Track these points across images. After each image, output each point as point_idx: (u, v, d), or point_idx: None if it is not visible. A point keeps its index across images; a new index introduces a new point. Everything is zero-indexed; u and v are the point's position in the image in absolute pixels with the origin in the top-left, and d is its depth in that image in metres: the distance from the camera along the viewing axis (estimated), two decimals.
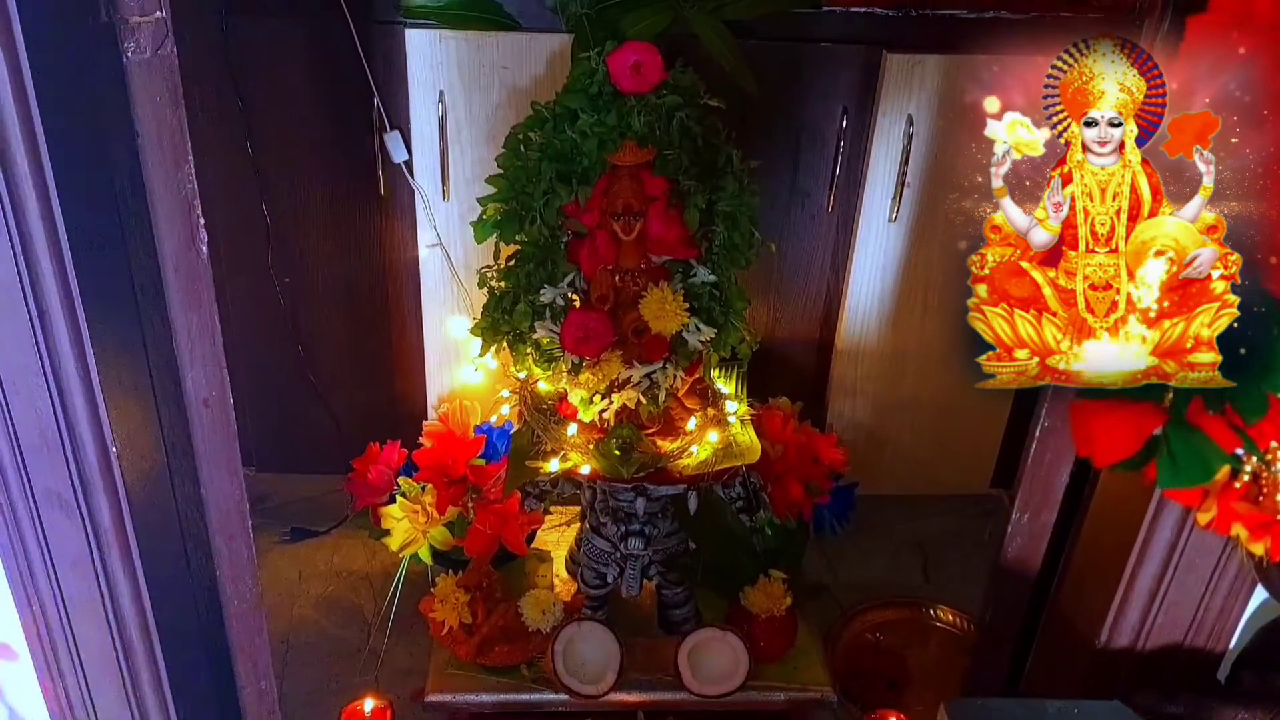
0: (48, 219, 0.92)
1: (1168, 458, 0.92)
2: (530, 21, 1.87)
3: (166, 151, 0.99)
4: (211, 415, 1.10)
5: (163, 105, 0.98)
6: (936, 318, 2.12)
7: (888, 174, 1.97)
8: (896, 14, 1.87)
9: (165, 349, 1.07)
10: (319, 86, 1.90)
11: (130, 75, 0.95)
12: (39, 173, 0.90)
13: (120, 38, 0.94)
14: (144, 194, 1.02)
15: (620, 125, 1.68)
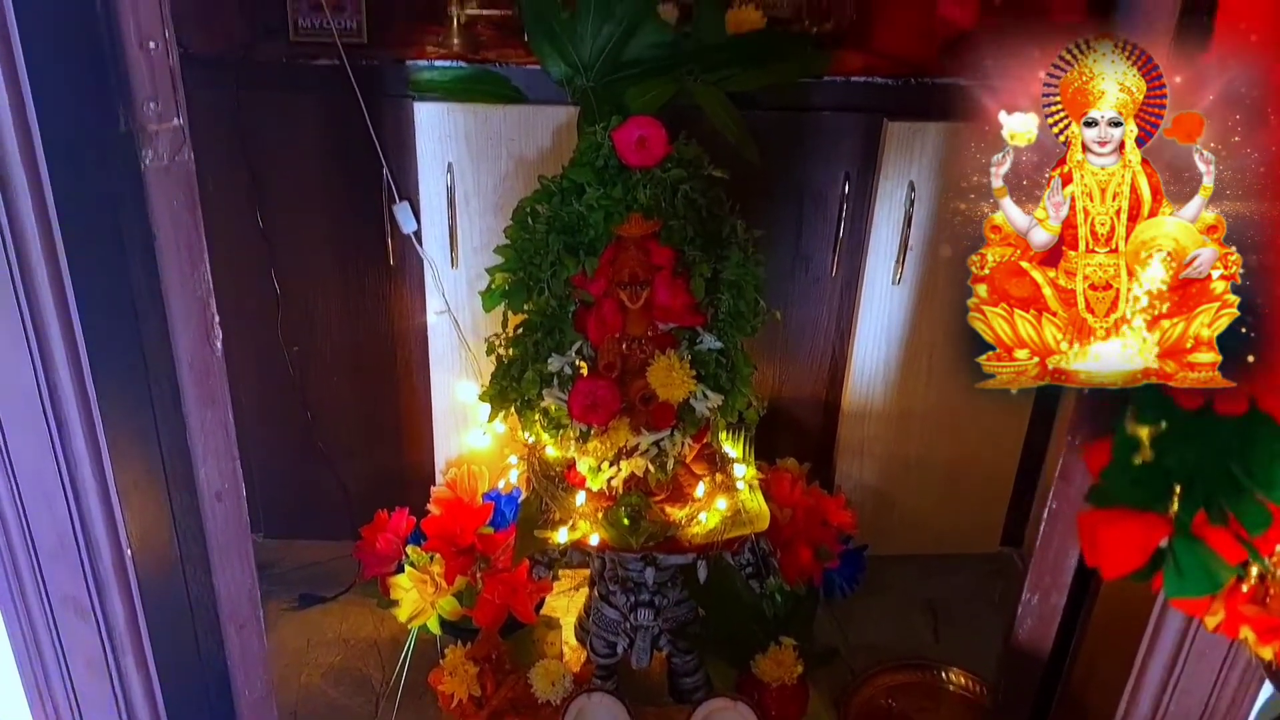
0: (64, 319, 0.94)
1: (1174, 569, 0.92)
2: (536, 94, 1.90)
3: (182, 253, 1.01)
4: (224, 508, 1.11)
5: (179, 209, 1.00)
6: (941, 378, 2.13)
7: (890, 238, 1.99)
8: (897, 82, 1.90)
9: (179, 443, 1.08)
10: (329, 158, 1.93)
11: (148, 181, 0.97)
12: (56, 274, 0.92)
13: (139, 145, 0.96)
14: (160, 292, 1.03)
15: (626, 198, 1.71)
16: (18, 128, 0.82)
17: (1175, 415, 0.88)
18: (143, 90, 0.94)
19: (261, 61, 1.85)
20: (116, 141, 0.96)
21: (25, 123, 0.83)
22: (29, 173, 0.85)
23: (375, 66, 1.86)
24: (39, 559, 0.90)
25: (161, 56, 0.94)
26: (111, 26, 0.92)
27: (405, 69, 1.87)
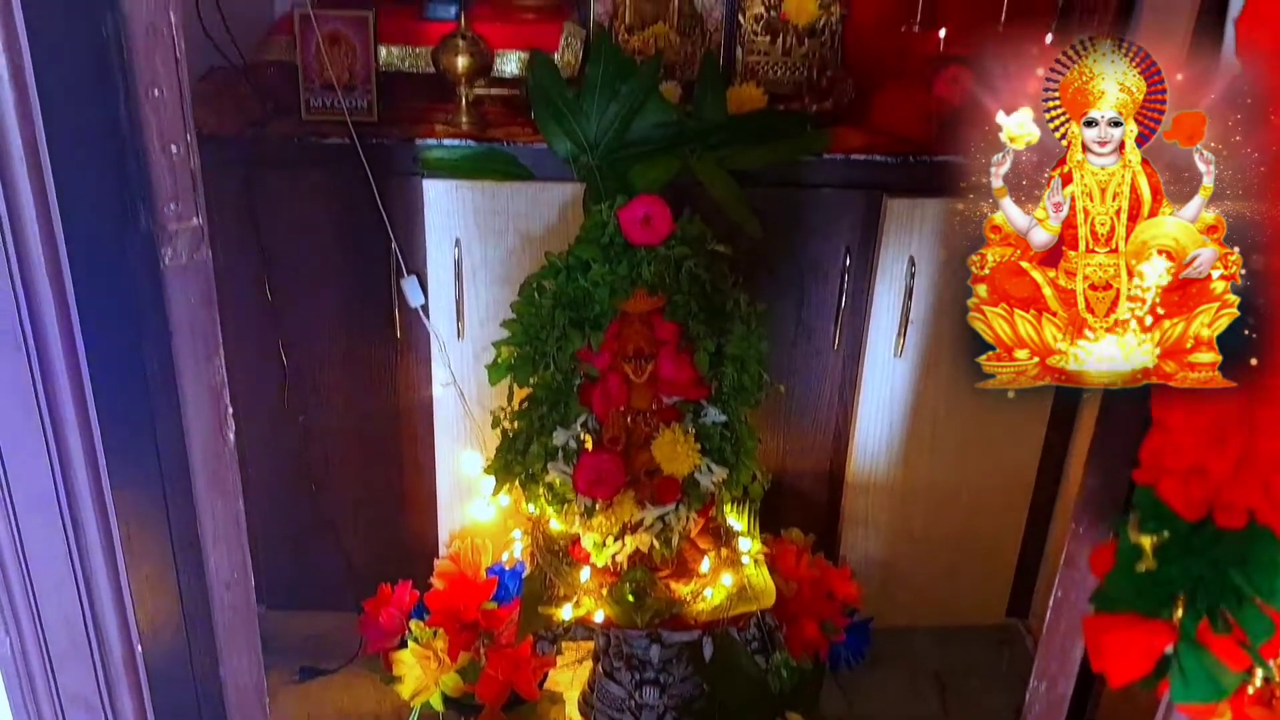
0: (82, 414, 0.95)
1: (1179, 676, 0.92)
2: (543, 171, 1.93)
3: (198, 348, 1.02)
4: (233, 597, 1.11)
5: (196, 305, 1.02)
6: (945, 450, 2.14)
7: (891, 311, 2.01)
8: (895, 160, 1.94)
9: (190, 533, 1.09)
10: (338, 233, 1.96)
11: (167, 279, 0.99)
12: (75, 369, 0.93)
13: (158, 244, 0.99)
14: (174, 384, 1.05)
15: (631, 275, 1.73)
16: (42, 229, 0.84)
17: (1177, 526, 0.88)
18: (164, 192, 0.97)
19: (273, 140, 1.88)
20: (136, 241, 0.98)
21: (50, 224, 0.85)
22: (51, 271, 0.87)
23: (385, 145, 1.90)
24: (51, 660, 0.90)
25: (183, 159, 0.96)
26: (135, 131, 0.94)
27: (414, 147, 1.91)
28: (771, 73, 2.27)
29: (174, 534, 1.08)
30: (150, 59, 0.92)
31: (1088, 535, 1.13)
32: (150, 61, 0.92)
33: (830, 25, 2.24)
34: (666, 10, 2.26)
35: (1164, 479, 0.79)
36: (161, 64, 0.93)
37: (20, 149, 0.79)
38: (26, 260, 0.81)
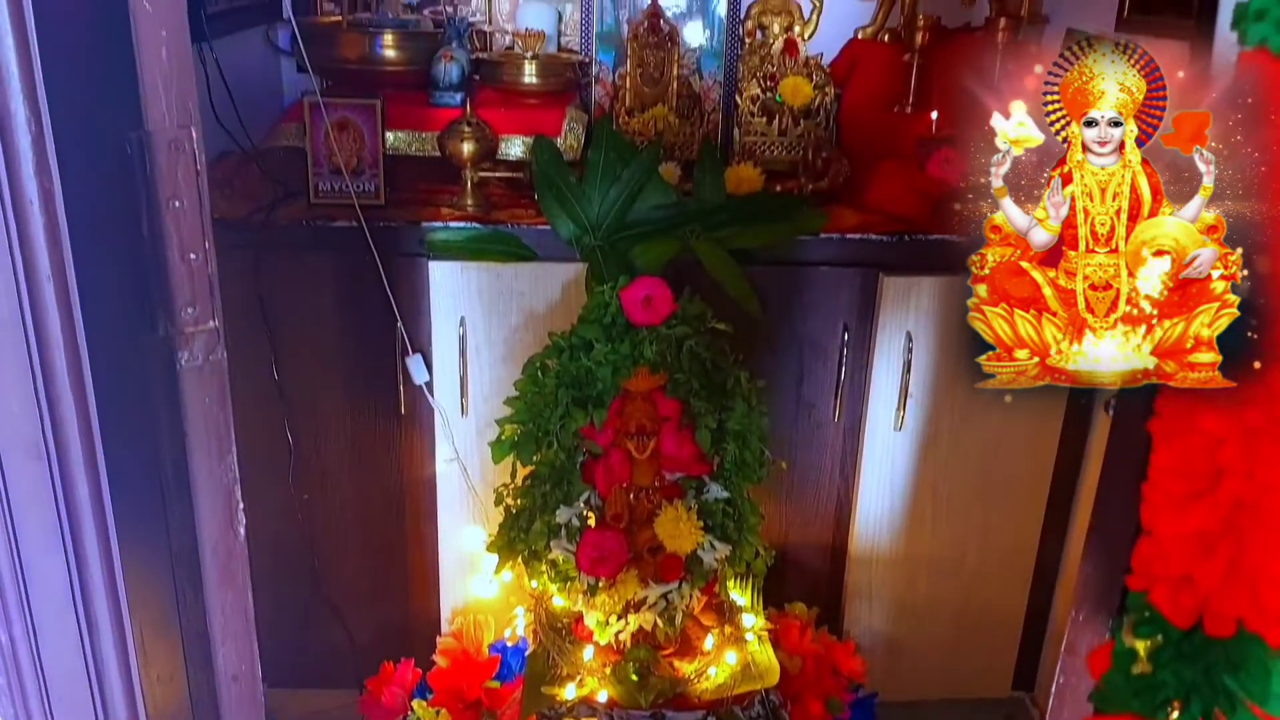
0: (98, 512, 0.97)
1: None
2: (546, 252, 1.97)
3: (211, 446, 1.05)
4: (240, 690, 1.12)
5: (211, 405, 1.04)
6: (947, 521, 2.15)
7: (890, 386, 2.03)
8: (891, 239, 1.98)
9: (199, 626, 1.10)
10: (345, 314, 2.00)
11: (183, 381, 1.02)
12: (93, 470, 0.95)
13: (175, 347, 1.02)
14: (188, 482, 1.07)
15: (633, 354, 1.76)
16: (66, 340, 0.87)
17: (1170, 632, 0.89)
18: (182, 297, 1.00)
19: (282, 224, 1.93)
20: (155, 345, 1.01)
21: (74, 335, 0.88)
22: (73, 381, 0.90)
23: (392, 227, 1.94)
24: None
25: (201, 265, 1.00)
26: (156, 241, 0.98)
27: (421, 230, 1.95)
28: (768, 152, 2.33)
29: (184, 628, 1.09)
30: (172, 173, 0.96)
31: (1088, 623, 1.14)
32: (172, 175, 0.96)
33: (825, 107, 2.31)
34: (665, 94, 2.33)
35: (1155, 586, 0.80)
36: (183, 177, 0.97)
37: (48, 269, 0.82)
38: (50, 370, 0.84)
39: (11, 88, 0.76)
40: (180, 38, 0.93)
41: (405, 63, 2.15)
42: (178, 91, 0.94)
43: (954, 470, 2.09)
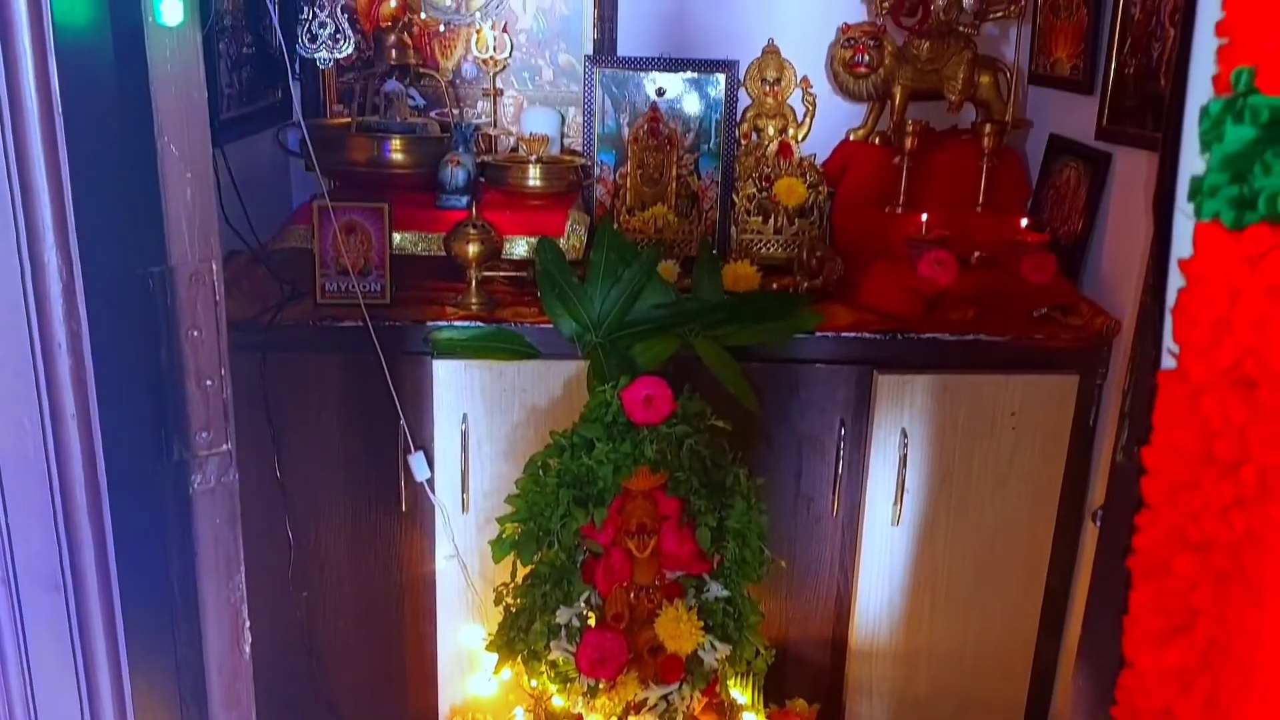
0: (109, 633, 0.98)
1: None
2: (549, 349, 2.01)
3: (220, 566, 1.06)
4: None
5: (222, 526, 1.06)
6: (946, 615, 2.15)
7: (887, 481, 2.05)
8: (884, 337, 2.02)
9: None
10: (348, 412, 2.02)
11: (195, 503, 1.04)
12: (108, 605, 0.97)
13: (189, 470, 1.04)
14: (196, 601, 1.08)
15: (634, 453, 1.79)
16: (86, 475, 0.90)
17: None
18: (197, 422, 1.03)
19: (289, 324, 1.97)
20: (169, 469, 1.03)
21: (94, 470, 0.91)
22: (92, 513, 0.92)
23: (397, 327, 1.98)
24: None
25: (217, 390, 1.03)
26: (174, 369, 1.01)
27: (425, 328, 1.99)
28: (764, 249, 2.39)
29: None
30: (192, 304, 1.00)
31: None
32: (192, 306, 1.00)
33: (818, 205, 2.38)
34: (665, 193, 2.40)
35: (1138, 719, 0.81)
36: (202, 308, 1.00)
37: (72, 408, 0.85)
38: (71, 506, 0.86)
39: (46, 239, 0.80)
40: (204, 178, 0.98)
41: (413, 166, 2.22)
42: (200, 228, 0.98)
43: (951, 564, 2.10)
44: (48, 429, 0.83)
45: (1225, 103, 0.66)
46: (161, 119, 0.92)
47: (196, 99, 0.95)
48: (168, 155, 0.94)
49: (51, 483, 0.85)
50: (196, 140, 0.95)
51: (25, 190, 0.78)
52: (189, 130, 0.94)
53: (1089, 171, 2.12)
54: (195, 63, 0.93)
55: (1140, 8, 1.92)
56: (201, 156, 0.97)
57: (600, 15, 2.42)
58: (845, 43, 2.40)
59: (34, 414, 0.83)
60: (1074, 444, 2.05)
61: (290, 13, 2.29)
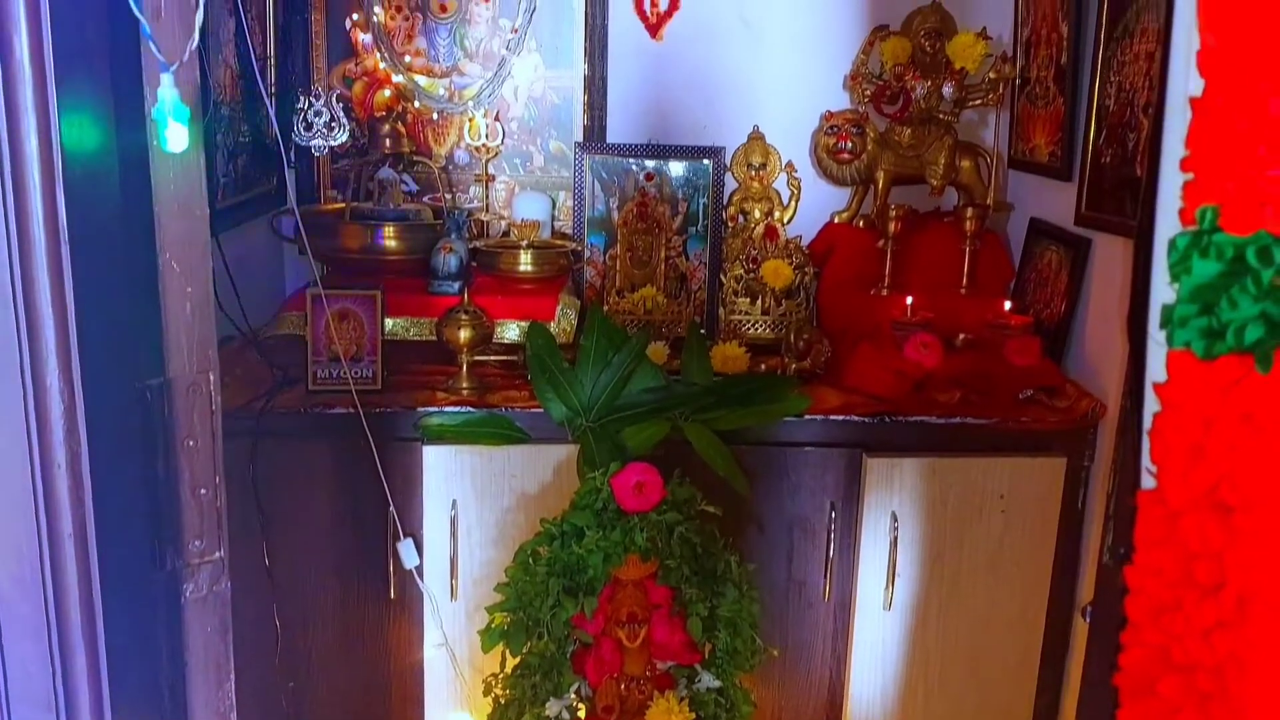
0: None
1: None
2: (539, 434, 2.02)
3: (210, 675, 1.06)
4: None
5: (213, 634, 1.06)
6: (940, 698, 2.13)
7: (878, 564, 2.05)
8: (873, 420, 2.04)
9: None
10: (338, 499, 2.02)
11: (186, 612, 1.04)
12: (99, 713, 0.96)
13: (181, 579, 1.04)
14: (185, 706, 1.07)
15: (624, 541, 1.79)
16: (82, 595, 0.90)
17: None
18: (191, 531, 1.03)
19: (280, 411, 1.97)
20: (162, 579, 1.03)
21: (89, 589, 0.91)
22: (87, 633, 0.92)
23: (388, 413, 1.99)
24: None
25: (211, 499, 1.03)
26: (169, 478, 1.02)
27: (416, 415, 2.00)
28: (752, 330, 2.42)
29: None
30: (189, 414, 1.01)
31: None
32: (189, 416, 1.01)
33: (805, 287, 2.42)
34: (654, 274, 2.44)
35: None
36: (199, 418, 1.01)
37: (69, 528, 0.85)
38: (66, 627, 0.86)
39: (49, 363, 0.82)
40: (204, 292, 1.00)
41: (405, 252, 2.25)
42: (199, 340, 1.00)
43: (944, 650, 2.09)
44: (45, 550, 0.83)
45: (1191, 237, 0.69)
46: (164, 237, 0.94)
47: (198, 216, 0.97)
48: (169, 271, 0.96)
49: (47, 604, 0.85)
50: (197, 256, 0.97)
51: (30, 316, 0.79)
52: (190, 247, 0.96)
53: (1070, 256, 2.16)
54: (198, 183, 0.96)
55: (1115, 99, 1.99)
56: (202, 271, 0.99)
57: (590, 103, 2.48)
58: (828, 129, 2.46)
59: (32, 536, 0.83)
60: (1063, 526, 2.06)
61: (286, 101, 2.35)
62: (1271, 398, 0.67)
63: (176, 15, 0.91)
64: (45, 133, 0.79)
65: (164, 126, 0.88)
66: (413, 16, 2.42)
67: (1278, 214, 0.64)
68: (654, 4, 2.46)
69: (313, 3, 2.40)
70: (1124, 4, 1.94)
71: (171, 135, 0.88)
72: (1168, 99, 0.71)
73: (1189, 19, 0.68)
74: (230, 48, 2.14)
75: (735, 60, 2.51)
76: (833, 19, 2.49)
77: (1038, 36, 2.29)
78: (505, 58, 2.42)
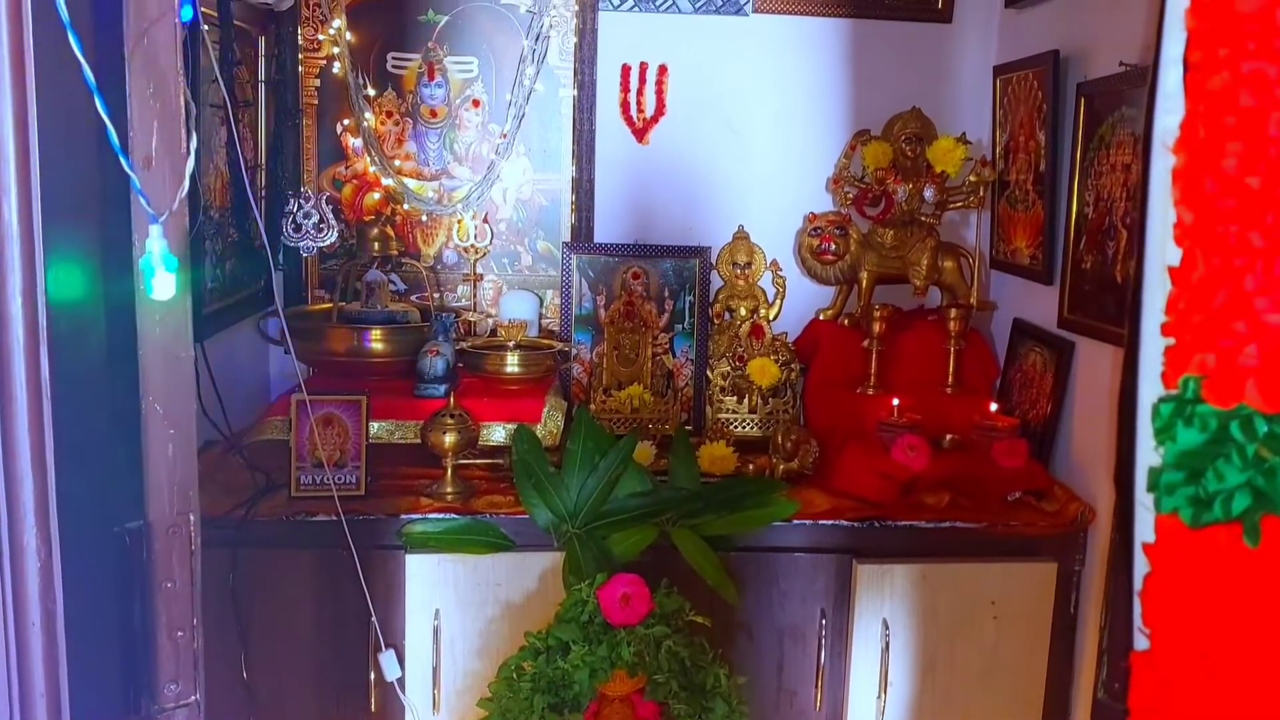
0: None
1: None
2: (524, 540, 2.00)
3: None
4: None
5: None
6: None
7: (870, 673, 2.02)
8: (862, 524, 2.03)
9: None
10: (318, 609, 1.98)
11: None
12: None
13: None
14: None
15: (611, 655, 1.75)
16: None
17: None
18: (166, 674, 1.00)
19: (262, 519, 1.94)
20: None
21: None
22: None
23: (371, 520, 1.97)
24: None
25: (188, 642, 1.01)
26: (146, 622, 0.99)
27: (399, 521, 1.98)
28: (739, 428, 2.42)
29: None
30: (168, 556, 0.99)
31: None
32: (167, 559, 0.99)
33: (791, 385, 2.43)
34: (640, 372, 2.44)
35: None
36: (177, 559, 1.00)
37: (42, 687, 0.83)
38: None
39: (26, 522, 0.80)
40: (187, 434, 0.99)
41: (392, 354, 2.25)
42: (180, 483, 0.99)
43: None
44: (15, 712, 0.81)
45: (1175, 405, 0.70)
46: (147, 382, 0.93)
47: (183, 359, 0.97)
48: (152, 415, 0.95)
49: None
50: (181, 398, 0.97)
51: (9, 478, 0.78)
52: (174, 390, 0.96)
53: (1054, 358, 2.18)
54: (184, 327, 0.96)
55: (1094, 207, 2.03)
56: (185, 413, 0.98)
57: (578, 204, 2.52)
58: (812, 231, 2.50)
59: (3, 697, 0.81)
60: (1056, 632, 2.03)
61: (276, 205, 2.37)
62: (1261, 569, 0.67)
63: (167, 164, 0.92)
64: (30, 291, 0.79)
65: (150, 275, 0.89)
66: (403, 122, 2.46)
67: (1259, 387, 0.65)
68: (640, 109, 2.51)
69: (304, 109, 2.44)
70: (1100, 115, 1.99)
71: (158, 285, 0.88)
72: (1146, 265, 0.73)
73: (1164, 190, 0.70)
74: (221, 155, 2.16)
75: (720, 162, 2.56)
76: (815, 124, 2.55)
77: (1016, 143, 2.35)
78: (494, 161, 2.46)
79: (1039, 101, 2.20)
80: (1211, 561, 0.68)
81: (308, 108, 2.44)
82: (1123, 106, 1.90)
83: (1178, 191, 0.67)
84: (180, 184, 0.92)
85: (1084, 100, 2.03)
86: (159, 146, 0.93)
